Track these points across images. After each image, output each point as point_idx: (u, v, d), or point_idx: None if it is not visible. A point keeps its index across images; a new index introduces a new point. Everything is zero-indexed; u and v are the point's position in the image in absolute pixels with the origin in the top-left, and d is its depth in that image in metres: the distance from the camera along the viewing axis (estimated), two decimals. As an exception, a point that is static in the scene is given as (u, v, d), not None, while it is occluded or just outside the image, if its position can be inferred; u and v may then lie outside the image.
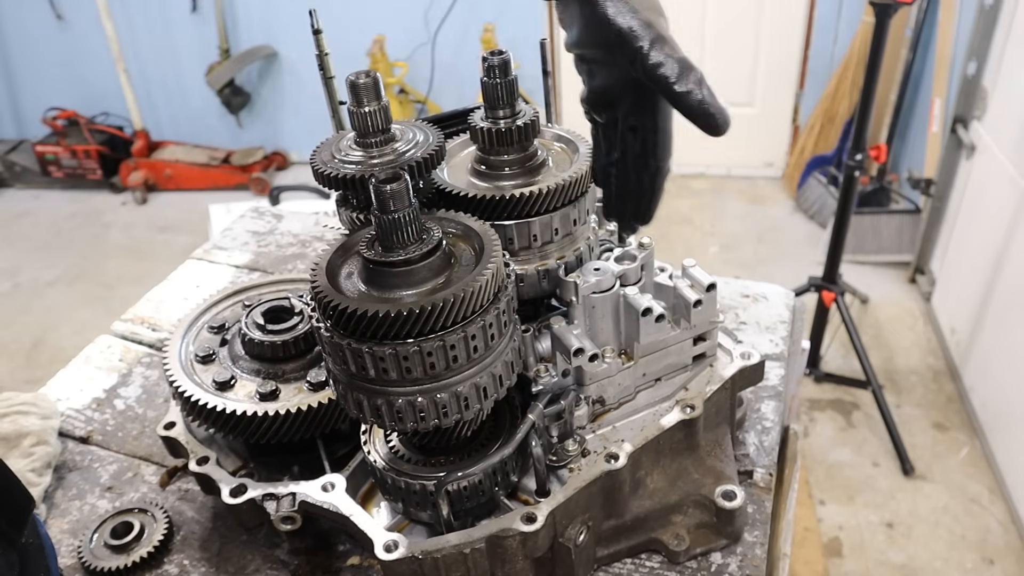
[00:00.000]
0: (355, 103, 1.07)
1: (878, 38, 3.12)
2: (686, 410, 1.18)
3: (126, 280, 5.29)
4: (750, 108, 5.76)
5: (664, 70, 0.91)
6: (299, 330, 1.27)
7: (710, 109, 0.91)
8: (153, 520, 1.30)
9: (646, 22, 0.92)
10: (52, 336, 4.82)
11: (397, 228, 0.93)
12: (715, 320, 1.21)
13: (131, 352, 1.72)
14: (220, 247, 2.07)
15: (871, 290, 4.58)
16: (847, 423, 3.78)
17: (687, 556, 1.17)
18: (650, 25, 0.92)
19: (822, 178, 5.31)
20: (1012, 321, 3.38)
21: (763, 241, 5.26)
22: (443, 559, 1.02)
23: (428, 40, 5.73)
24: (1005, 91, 3.74)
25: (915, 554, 3.15)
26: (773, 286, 1.77)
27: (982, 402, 3.65)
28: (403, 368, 0.93)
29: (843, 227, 3.59)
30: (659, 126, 1.01)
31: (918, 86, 4.90)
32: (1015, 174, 3.47)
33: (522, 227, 1.10)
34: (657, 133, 1.02)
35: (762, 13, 5.37)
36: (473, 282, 0.92)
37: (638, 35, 0.91)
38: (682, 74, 0.92)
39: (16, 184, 6.68)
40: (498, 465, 1.09)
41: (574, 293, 1.12)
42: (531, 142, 1.15)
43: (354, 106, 1.07)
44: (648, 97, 0.97)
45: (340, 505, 1.09)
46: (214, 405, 1.18)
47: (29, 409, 1.48)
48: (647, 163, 1.04)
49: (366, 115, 1.07)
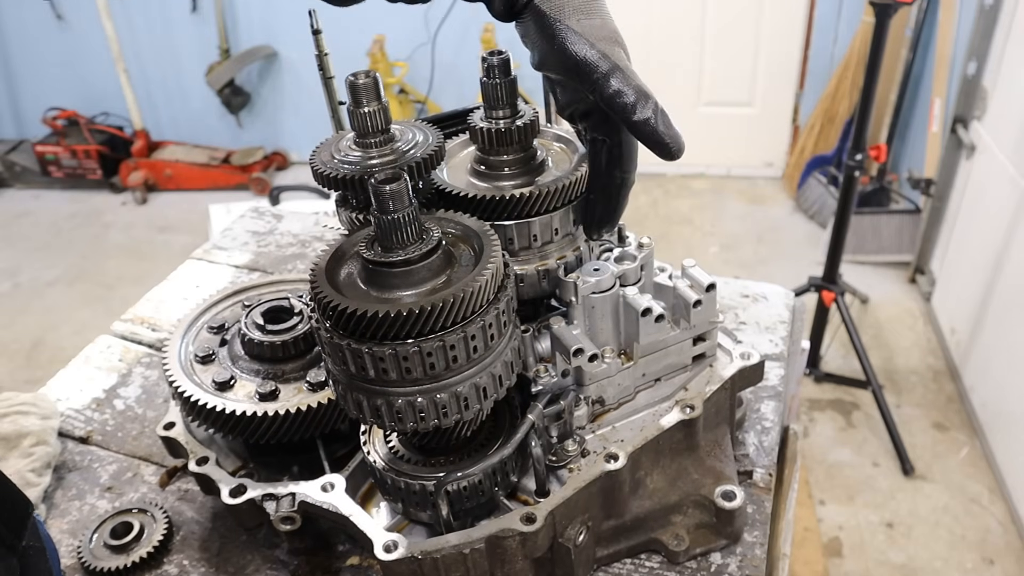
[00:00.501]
0: (354, 103, 1.06)
1: (878, 38, 3.13)
2: (686, 410, 1.18)
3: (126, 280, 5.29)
4: (750, 108, 5.77)
5: (621, 99, 0.95)
6: (299, 330, 1.27)
7: (664, 138, 0.96)
8: (153, 520, 1.30)
9: (603, 53, 0.95)
10: (52, 336, 4.82)
11: (397, 228, 0.92)
12: (715, 320, 1.21)
13: (131, 352, 1.72)
14: (220, 247, 2.07)
15: (871, 290, 4.59)
16: (847, 423, 3.78)
17: (687, 556, 1.17)
18: (606, 56, 0.95)
19: (822, 178, 5.31)
20: (1012, 321, 3.38)
21: (763, 241, 5.26)
22: (443, 559, 1.02)
23: (428, 40, 5.73)
24: (1005, 91, 3.74)
25: (915, 554, 3.15)
26: (773, 286, 1.76)
27: (982, 402, 3.65)
28: (403, 368, 0.93)
29: (843, 227, 3.59)
30: (623, 140, 1.04)
31: (918, 86, 4.90)
32: (1015, 174, 3.47)
33: (522, 227, 1.10)
34: (622, 147, 1.04)
35: (762, 13, 5.37)
36: (473, 282, 0.92)
37: (595, 66, 0.95)
38: (638, 103, 0.95)
39: (16, 184, 6.68)
40: (498, 465, 1.09)
41: (574, 293, 1.12)
42: (531, 142, 1.14)
43: (353, 106, 1.07)
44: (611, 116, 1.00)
45: (340, 505, 1.09)
46: (214, 405, 1.18)
47: (29, 409, 1.48)
48: (612, 174, 1.06)
49: (366, 115, 1.07)
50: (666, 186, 5.95)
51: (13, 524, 0.89)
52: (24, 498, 0.92)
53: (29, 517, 0.92)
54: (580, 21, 0.95)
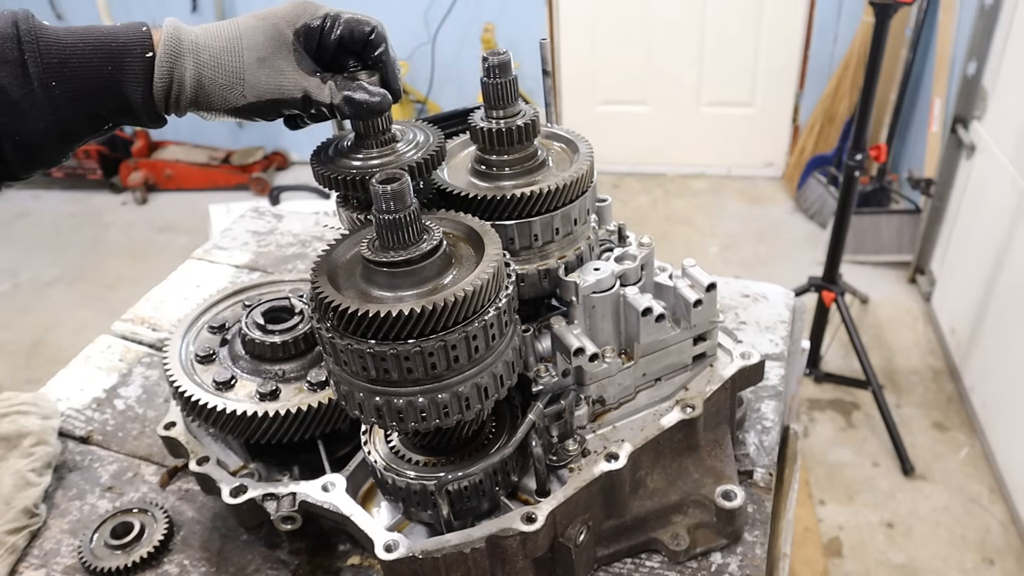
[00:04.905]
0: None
1: (878, 38, 3.12)
2: (686, 410, 1.18)
3: (126, 280, 5.29)
4: (750, 108, 5.76)
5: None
6: (299, 330, 1.27)
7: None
8: (153, 520, 1.30)
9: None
10: (52, 336, 4.81)
11: (397, 228, 0.93)
12: (715, 320, 1.21)
13: (131, 352, 1.72)
14: (220, 247, 2.07)
15: (871, 290, 4.58)
16: (847, 423, 3.78)
17: (687, 556, 1.17)
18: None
19: (822, 178, 5.31)
20: (1012, 321, 3.38)
21: (763, 241, 5.26)
22: (443, 559, 1.02)
23: (428, 40, 5.73)
24: (1005, 91, 3.74)
25: (915, 554, 3.15)
26: (773, 286, 1.77)
27: (982, 402, 3.65)
28: (404, 368, 0.93)
29: (843, 227, 3.59)
30: None
31: (918, 86, 4.90)
32: (1015, 174, 3.47)
33: (523, 227, 1.10)
34: None
35: (762, 13, 5.37)
36: (474, 282, 0.92)
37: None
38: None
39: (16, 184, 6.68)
40: (498, 465, 1.09)
41: (574, 293, 1.12)
42: (531, 142, 1.14)
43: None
44: None
45: (340, 505, 1.09)
46: (214, 405, 1.18)
47: (29, 409, 1.48)
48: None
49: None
50: (666, 186, 5.95)
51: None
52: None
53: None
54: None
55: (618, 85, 5.80)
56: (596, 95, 5.87)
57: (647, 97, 5.84)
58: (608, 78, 5.77)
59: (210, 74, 0.99)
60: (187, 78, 0.99)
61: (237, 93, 1.00)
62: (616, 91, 5.83)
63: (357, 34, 1.06)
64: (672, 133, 5.94)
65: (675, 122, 5.90)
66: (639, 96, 5.85)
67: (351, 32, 1.06)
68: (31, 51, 0.92)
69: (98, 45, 0.95)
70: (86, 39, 0.95)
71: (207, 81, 0.99)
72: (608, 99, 5.88)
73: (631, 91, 5.82)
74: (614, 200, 1.33)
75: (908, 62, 4.66)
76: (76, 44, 0.95)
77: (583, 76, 5.77)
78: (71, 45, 0.94)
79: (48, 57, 0.93)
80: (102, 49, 0.95)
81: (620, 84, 5.79)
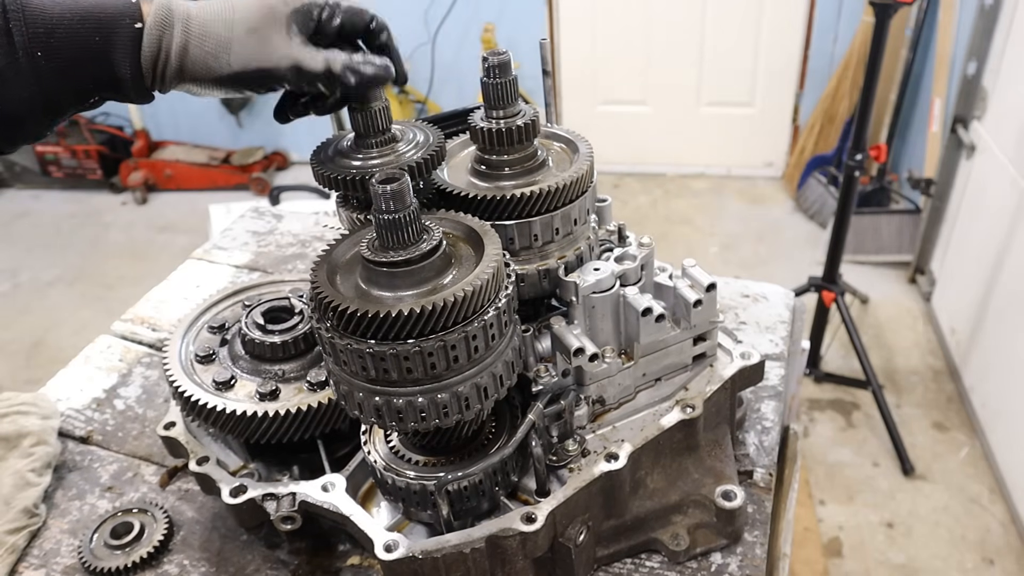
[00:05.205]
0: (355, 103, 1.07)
1: (878, 38, 3.12)
2: (686, 410, 1.18)
3: (126, 280, 5.28)
4: (750, 108, 5.76)
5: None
6: (299, 330, 1.27)
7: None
8: (153, 520, 1.30)
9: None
10: (52, 336, 4.81)
11: (397, 228, 0.93)
12: (715, 320, 1.21)
13: (131, 352, 1.72)
14: (220, 247, 2.07)
15: (871, 290, 4.58)
16: (847, 423, 3.78)
17: (687, 556, 1.17)
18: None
19: (822, 178, 5.31)
20: (1012, 321, 3.38)
21: (763, 241, 5.26)
22: (443, 559, 1.02)
23: (428, 40, 5.73)
24: (1005, 91, 3.74)
25: (915, 554, 3.15)
26: (773, 286, 1.77)
27: (982, 402, 3.65)
28: (404, 368, 0.93)
29: (843, 227, 3.59)
30: None
31: (918, 86, 4.90)
32: (1015, 174, 3.47)
33: (523, 227, 1.10)
34: None
35: (762, 13, 5.37)
36: (474, 282, 0.92)
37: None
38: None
39: (16, 184, 6.68)
40: (498, 465, 1.09)
41: (574, 293, 1.12)
42: (531, 142, 1.15)
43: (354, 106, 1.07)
44: None
45: (340, 505, 1.09)
46: (214, 405, 1.18)
47: (29, 409, 1.48)
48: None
49: (366, 115, 1.07)
50: (666, 186, 5.95)
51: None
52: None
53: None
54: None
55: (618, 85, 5.80)
56: (596, 95, 5.87)
57: (647, 97, 5.84)
58: (608, 78, 5.77)
59: (197, 42, 0.97)
60: (173, 46, 0.97)
61: (223, 61, 0.98)
62: (616, 91, 5.84)
63: (358, 22, 1.06)
64: (672, 133, 5.94)
65: (675, 122, 5.90)
66: (639, 96, 5.85)
67: (352, 20, 1.05)
68: (16, 20, 0.90)
69: (86, 16, 0.93)
70: (74, 9, 0.93)
71: (193, 48, 0.97)
72: (608, 99, 5.88)
73: (631, 91, 5.82)
74: (614, 200, 1.33)
75: (908, 62, 4.66)
76: (63, 15, 0.93)
77: (583, 76, 5.77)
78: (58, 15, 0.92)
79: (34, 27, 0.91)
80: (90, 19, 0.93)
81: (620, 84, 5.80)
